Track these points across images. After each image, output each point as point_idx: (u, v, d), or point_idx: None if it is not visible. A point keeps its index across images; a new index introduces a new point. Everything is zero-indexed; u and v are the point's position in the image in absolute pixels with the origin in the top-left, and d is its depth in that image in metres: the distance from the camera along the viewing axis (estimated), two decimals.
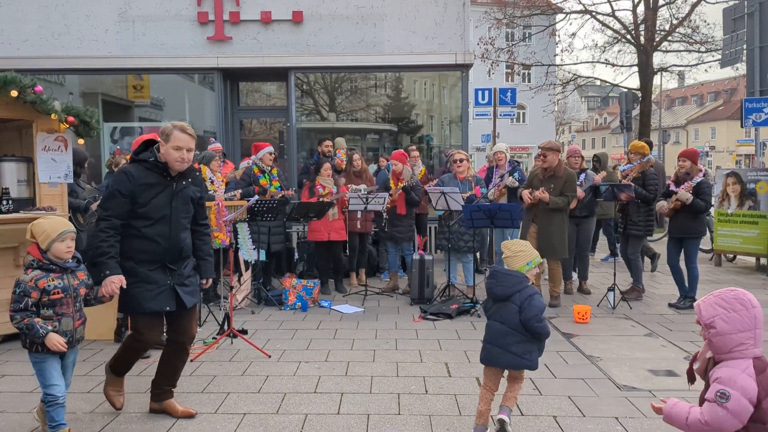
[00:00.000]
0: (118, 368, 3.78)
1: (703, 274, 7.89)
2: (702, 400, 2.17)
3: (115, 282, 3.32)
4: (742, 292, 2.18)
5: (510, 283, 3.36)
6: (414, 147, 8.71)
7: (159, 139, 3.51)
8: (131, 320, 3.62)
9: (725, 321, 2.10)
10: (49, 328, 3.08)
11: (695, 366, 2.29)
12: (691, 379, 2.35)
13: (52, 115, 5.31)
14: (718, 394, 2.03)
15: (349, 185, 7.42)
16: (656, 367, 4.65)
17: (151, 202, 3.46)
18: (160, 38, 9.51)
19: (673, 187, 6.48)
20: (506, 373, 3.44)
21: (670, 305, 6.58)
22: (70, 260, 3.25)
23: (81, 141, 5.74)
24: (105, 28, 9.50)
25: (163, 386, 3.76)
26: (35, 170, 5.50)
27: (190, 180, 3.64)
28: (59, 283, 3.16)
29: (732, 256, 9.63)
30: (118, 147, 9.19)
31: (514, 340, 3.28)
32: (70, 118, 5.44)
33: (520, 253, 3.41)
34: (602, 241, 10.61)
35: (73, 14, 9.49)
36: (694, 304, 2.33)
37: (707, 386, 2.19)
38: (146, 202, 3.45)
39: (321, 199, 7.06)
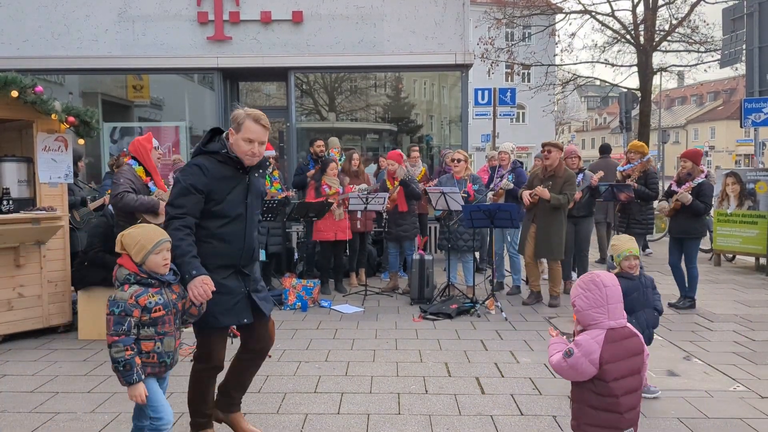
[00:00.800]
0: (197, 409, 3.23)
1: (703, 274, 7.90)
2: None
3: (207, 283, 2.86)
4: (597, 274, 2.57)
5: None
6: (416, 147, 8.72)
7: (230, 128, 3.08)
8: (198, 338, 3.17)
9: (582, 300, 2.54)
10: (143, 375, 2.69)
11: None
12: None
13: (53, 116, 5.31)
14: (566, 350, 2.50)
15: (352, 185, 7.42)
16: (656, 366, 4.65)
17: (227, 199, 3.04)
18: (159, 38, 9.51)
19: (675, 187, 6.51)
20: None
21: (670, 305, 6.58)
22: (168, 272, 2.84)
23: (81, 141, 5.75)
24: (105, 28, 9.51)
25: (233, 394, 3.37)
26: (35, 170, 5.50)
27: (261, 171, 3.24)
28: (160, 299, 2.75)
29: (731, 255, 9.64)
30: (125, 150, 9.20)
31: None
32: (71, 119, 5.44)
33: (612, 246, 3.94)
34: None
35: (73, 14, 9.49)
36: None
37: None
38: (222, 199, 3.03)
39: (327, 200, 7.05)
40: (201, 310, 2.93)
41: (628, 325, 2.58)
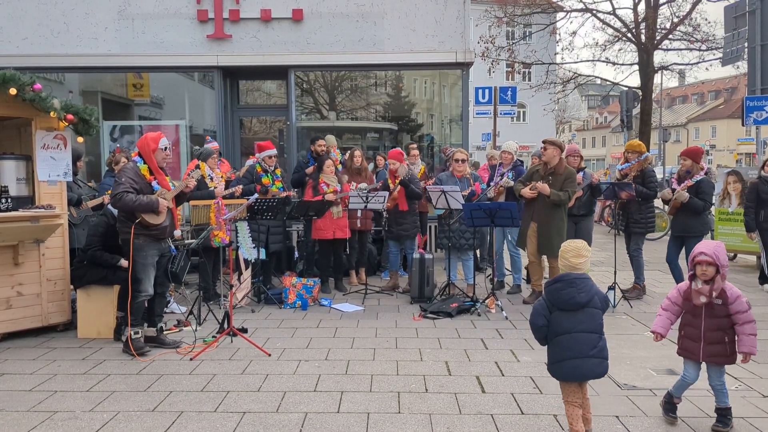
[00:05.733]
0: None
1: None
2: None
3: None
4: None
5: (588, 286, 3.25)
6: (414, 145, 8.70)
7: None
8: None
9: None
10: None
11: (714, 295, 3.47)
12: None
13: (52, 113, 5.30)
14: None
15: (350, 183, 7.40)
16: (657, 365, 4.64)
17: None
18: (159, 36, 9.49)
19: (675, 185, 6.53)
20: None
21: None
22: None
23: (80, 139, 5.73)
24: (104, 26, 9.48)
25: None
26: (34, 168, 5.48)
27: None
28: None
29: (732, 254, 9.61)
30: (118, 145, 9.18)
31: (603, 344, 3.24)
32: (69, 116, 5.43)
33: (584, 254, 3.30)
34: (603, 240, 10.58)
35: (73, 12, 9.47)
36: (703, 250, 3.40)
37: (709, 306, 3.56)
38: None
39: (325, 198, 7.03)
40: None
41: None
